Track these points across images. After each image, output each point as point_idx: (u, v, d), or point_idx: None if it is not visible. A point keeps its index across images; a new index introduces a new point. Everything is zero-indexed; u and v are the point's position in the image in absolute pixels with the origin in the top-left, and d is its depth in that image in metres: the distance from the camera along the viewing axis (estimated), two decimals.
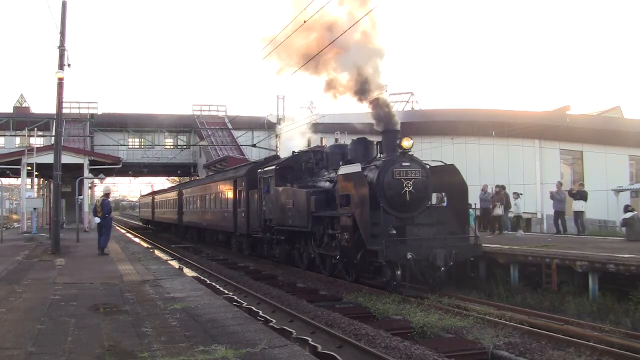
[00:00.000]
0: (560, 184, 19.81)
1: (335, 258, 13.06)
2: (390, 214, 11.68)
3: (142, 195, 64.05)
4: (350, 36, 12.77)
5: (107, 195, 16.94)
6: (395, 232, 11.26)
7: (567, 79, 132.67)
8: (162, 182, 72.98)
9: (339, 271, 13.41)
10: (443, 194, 15.02)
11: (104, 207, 15.90)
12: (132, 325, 6.63)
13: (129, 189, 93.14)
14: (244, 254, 20.68)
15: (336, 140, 26.08)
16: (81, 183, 25.48)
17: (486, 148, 28.91)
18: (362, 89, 13.09)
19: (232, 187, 21.20)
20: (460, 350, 7.50)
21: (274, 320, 9.37)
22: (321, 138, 38.86)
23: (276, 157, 20.94)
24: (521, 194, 18.76)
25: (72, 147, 31.94)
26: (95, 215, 16.09)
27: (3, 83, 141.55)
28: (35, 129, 34.78)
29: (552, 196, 18.35)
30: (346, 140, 21.06)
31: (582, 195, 17.69)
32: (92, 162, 29.05)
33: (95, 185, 39.42)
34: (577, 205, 17.78)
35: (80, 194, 25.02)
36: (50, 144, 29.93)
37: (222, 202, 22.89)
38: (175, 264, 17.64)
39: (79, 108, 46.72)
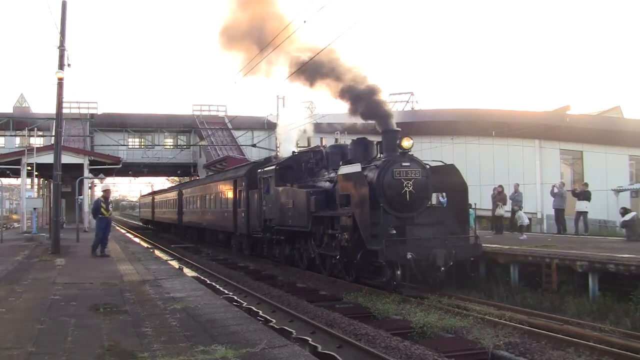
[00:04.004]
0: (562, 184, 19.82)
1: (335, 258, 13.05)
2: (390, 214, 11.68)
3: (142, 195, 64.06)
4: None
5: (103, 194, 16.29)
6: (395, 232, 11.26)
7: (567, 79, 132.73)
8: (162, 182, 73.01)
9: (339, 271, 13.41)
10: (444, 194, 15.03)
11: (92, 207, 15.62)
12: (132, 325, 6.63)
13: (129, 189, 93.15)
14: (244, 254, 20.68)
15: (336, 140, 26.07)
16: (81, 183, 25.46)
17: (486, 148, 28.91)
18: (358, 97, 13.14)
19: (232, 187, 21.20)
20: (460, 350, 7.50)
21: (274, 320, 9.38)
22: (321, 138, 38.90)
23: (276, 157, 20.93)
24: (522, 207, 18.76)
25: (72, 147, 31.90)
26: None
27: (3, 83, 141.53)
28: (35, 129, 34.74)
29: (553, 193, 18.35)
30: (346, 140, 21.05)
31: (585, 196, 17.71)
32: (92, 162, 29.04)
33: (95, 185, 39.37)
34: (581, 205, 17.80)
35: (80, 194, 25.00)
36: (50, 144, 29.91)
37: (222, 202, 22.89)
38: (175, 264, 17.64)
39: (79, 108, 46.72)
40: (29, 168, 27.54)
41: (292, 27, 13.29)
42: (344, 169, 12.58)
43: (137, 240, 30.39)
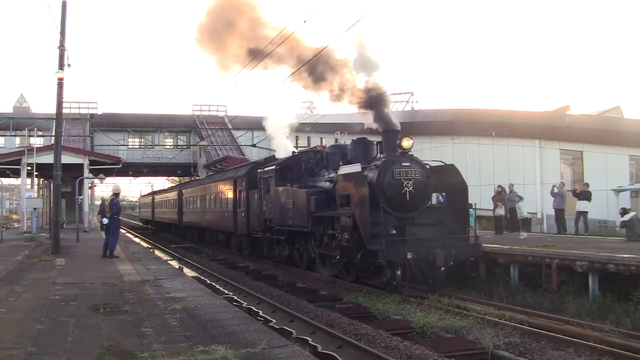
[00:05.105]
0: (562, 184, 19.82)
1: (335, 258, 13.06)
2: (390, 214, 11.68)
3: (142, 195, 64.06)
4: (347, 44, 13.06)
5: (116, 194, 16.05)
6: (395, 232, 11.26)
7: (567, 79, 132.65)
8: (162, 182, 73.03)
9: (339, 271, 13.41)
10: (443, 193, 15.03)
11: (113, 207, 15.16)
12: (132, 325, 6.64)
13: (129, 189, 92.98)
14: (244, 254, 20.68)
15: (336, 140, 26.07)
16: (81, 183, 25.49)
17: (486, 148, 28.87)
18: (362, 94, 13.13)
19: (232, 187, 21.20)
20: (460, 350, 7.50)
21: (274, 320, 9.38)
22: (321, 138, 38.88)
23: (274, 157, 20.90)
24: (522, 198, 18.89)
25: (72, 147, 31.93)
26: (104, 215, 15.28)
27: (3, 83, 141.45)
28: (35, 129, 34.77)
29: (553, 193, 18.35)
30: (346, 140, 21.04)
31: (586, 196, 17.70)
32: (92, 162, 29.06)
33: (95, 185, 39.35)
34: (581, 205, 17.80)
35: (80, 194, 25.00)
36: (50, 144, 29.93)
37: (222, 202, 22.89)
38: (175, 264, 17.64)
39: (79, 108, 46.86)
40: (29, 168, 27.55)
41: (291, 28, 13.38)
42: (344, 169, 12.58)
43: (137, 240, 30.41)
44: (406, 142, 12.06)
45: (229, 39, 15.19)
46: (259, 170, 18.22)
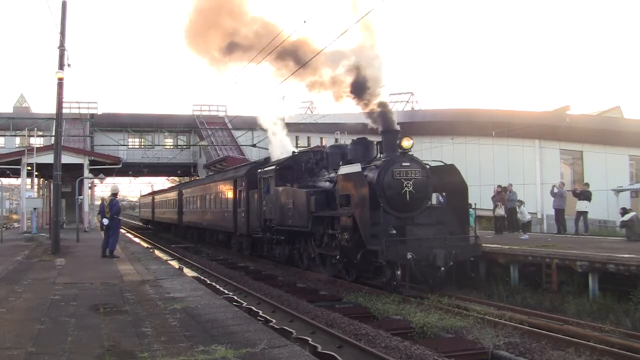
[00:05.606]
0: (562, 184, 19.83)
1: (336, 258, 13.06)
2: (390, 214, 11.68)
3: (142, 195, 64.06)
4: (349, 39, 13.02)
5: (115, 194, 15.85)
6: (395, 232, 11.26)
7: (567, 79, 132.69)
8: (162, 182, 72.99)
9: (339, 271, 13.41)
10: (444, 194, 15.04)
11: (113, 208, 15.08)
12: (132, 325, 6.64)
13: (129, 189, 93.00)
14: (244, 254, 20.68)
15: (336, 140, 26.08)
16: (81, 183, 25.47)
17: (486, 148, 28.91)
18: (360, 91, 13.12)
19: (232, 187, 21.20)
20: (460, 350, 7.50)
21: (274, 320, 9.38)
22: (321, 138, 38.89)
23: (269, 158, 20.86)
24: (523, 202, 18.96)
25: (72, 147, 31.90)
26: (104, 216, 15.16)
27: (3, 83, 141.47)
28: (35, 129, 34.75)
29: (553, 193, 18.36)
30: (346, 140, 21.05)
31: (586, 196, 17.71)
32: (92, 162, 29.04)
33: (95, 185, 39.32)
34: (581, 205, 17.80)
35: (80, 194, 24.99)
36: (50, 144, 29.92)
37: (222, 202, 22.89)
38: (175, 264, 17.63)
39: (79, 108, 46.78)
40: (29, 168, 27.53)
41: (290, 27, 13.43)
42: (344, 169, 12.58)
43: (137, 240, 30.41)
44: (406, 142, 12.06)
45: (219, 37, 15.26)
46: (259, 170, 18.22)
